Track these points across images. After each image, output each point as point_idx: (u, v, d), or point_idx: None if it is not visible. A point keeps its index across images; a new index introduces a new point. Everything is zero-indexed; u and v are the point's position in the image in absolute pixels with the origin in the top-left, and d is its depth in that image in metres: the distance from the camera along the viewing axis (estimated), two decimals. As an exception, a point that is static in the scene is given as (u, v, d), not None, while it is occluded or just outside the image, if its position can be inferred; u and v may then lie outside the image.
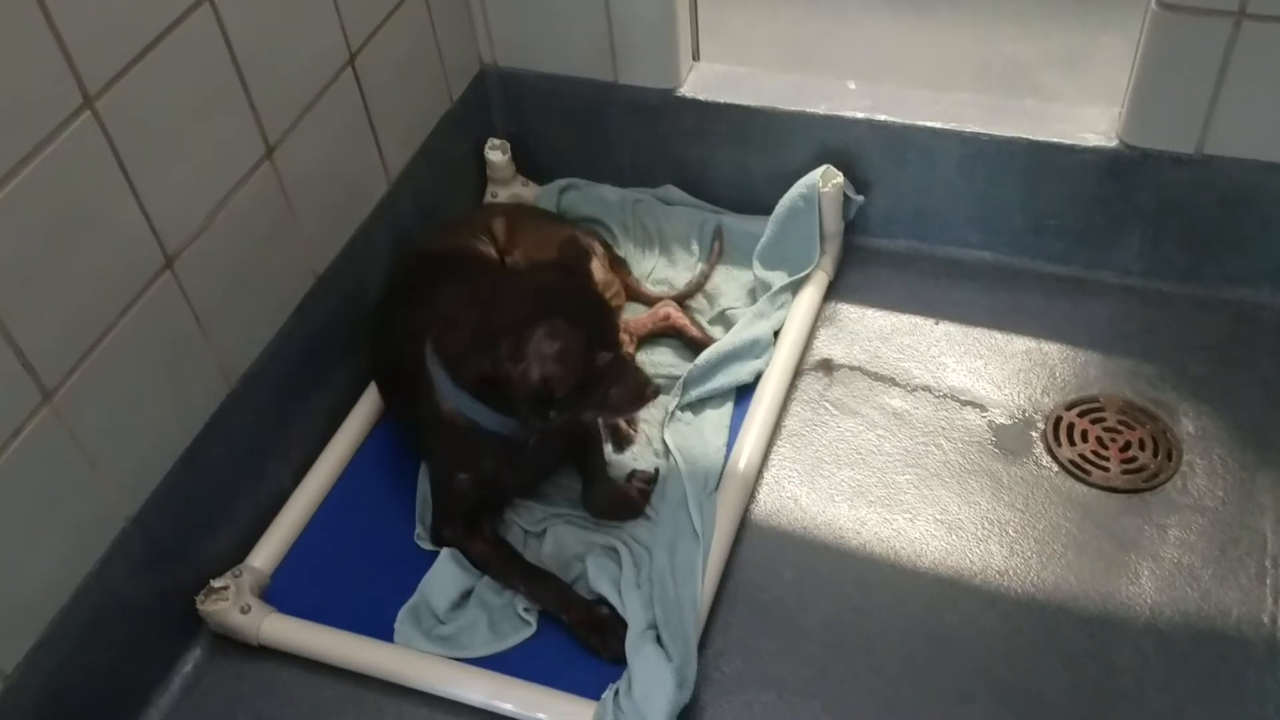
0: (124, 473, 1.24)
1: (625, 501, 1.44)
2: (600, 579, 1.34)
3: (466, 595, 1.37)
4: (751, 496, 1.48)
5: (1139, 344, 1.62)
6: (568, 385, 1.23)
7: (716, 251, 1.74)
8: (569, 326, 1.20)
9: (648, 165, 1.84)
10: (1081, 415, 1.54)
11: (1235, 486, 1.44)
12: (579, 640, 1.31)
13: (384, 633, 1.33)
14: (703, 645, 1.32)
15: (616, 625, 1.30)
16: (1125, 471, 1.47)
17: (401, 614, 1.34)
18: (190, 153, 1.24)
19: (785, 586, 1.39)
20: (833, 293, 1.73)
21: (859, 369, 1.63)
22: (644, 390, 1.31)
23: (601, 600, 1.33)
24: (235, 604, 1.34)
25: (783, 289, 1.66)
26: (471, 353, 1.26)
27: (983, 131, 1.63)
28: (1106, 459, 1.49)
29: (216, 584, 1.35)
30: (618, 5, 1.67)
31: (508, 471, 1.39)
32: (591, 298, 1.34)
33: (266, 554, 1.43)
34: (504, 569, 1.37)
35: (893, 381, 1.61)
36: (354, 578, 1.42)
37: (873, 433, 1.55)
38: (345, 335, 1.58)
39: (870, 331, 1.68)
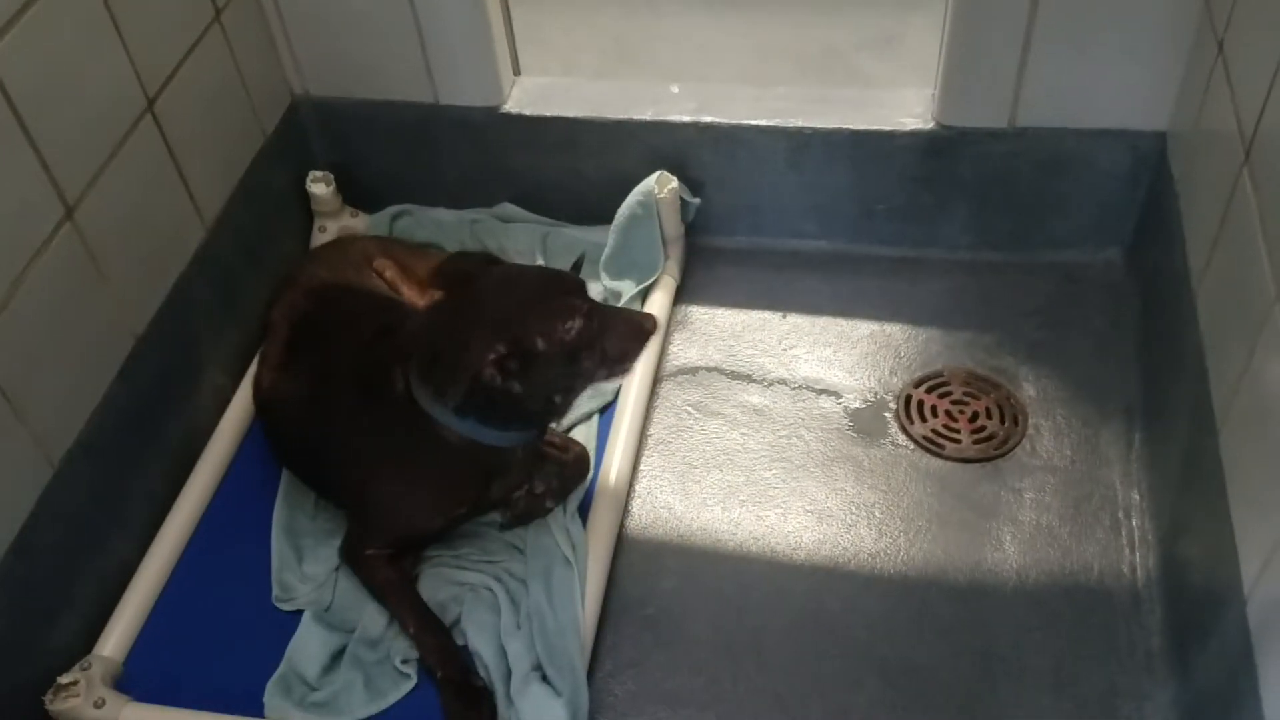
0: (-55, 575, 1.13)
1: (537, 506, 1.41)
2: (480, 636, 1.28)
3: (338, 656, 1.30)
4: (625, 510, 1.46)
5: (975, 315, 1.67)
6: (588, 336, 1.22)
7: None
8: (536, 292, 1.24)
9: (479, 184, 1.80)
10: (929, 391, 1.58)
11: (1081, 443, 1.50)
12: (442, 703, 1.25)
13: (254, 708, 1.26)
14: (592, 671, 1.30)
15: (486, 700, 1.24)
16: (976, 441, 1.51)
17: (270, 686, 1.27)
18: (-22, 225, 1.15)
19: (668, 597, 1.38)
20: (681, 295, 1.73)
21: (716, 369, 1.63)
22: (641, 327, 1.28)
23: (476, 671, 1.28)
24: (87, 699, 1.24)
25: (633, 297, 1.64)
26: (466, 368, 1.19)
27: (806, 125, 1.65)
28: (957, 431, 1.53)
29: (64, 680, 1.25)
30: (429, 25, 1.62)
31: (493, 486, 1.35)
32: (525, 272, 1.37)
33: (116, 639, 1.33)
34: (402, 602, 1.31)
35: (749, 378, 1.62)
36: (214, 652, 1.33)
37: (736, 432, 1.55)
38: (176, 393, 1.49)
39: (722, 331, 1.68)
